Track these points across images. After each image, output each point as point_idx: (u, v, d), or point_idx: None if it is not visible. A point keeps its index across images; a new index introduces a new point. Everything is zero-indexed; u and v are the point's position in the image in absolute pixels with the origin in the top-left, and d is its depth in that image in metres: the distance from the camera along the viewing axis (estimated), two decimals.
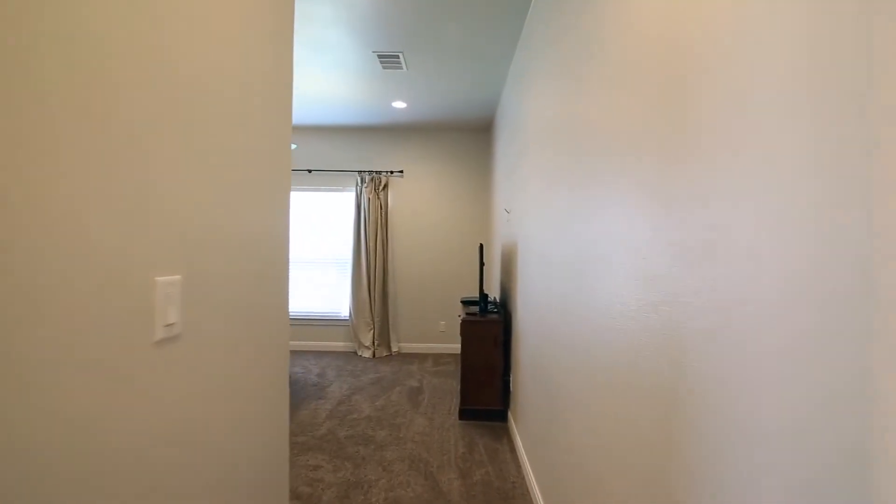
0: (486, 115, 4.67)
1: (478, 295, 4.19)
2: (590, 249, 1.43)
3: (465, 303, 3.86)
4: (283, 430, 1.28)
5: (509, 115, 3.45)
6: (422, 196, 5.32)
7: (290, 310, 5.55)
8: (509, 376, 3.19)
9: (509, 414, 3.15)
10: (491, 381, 3.17)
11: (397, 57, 3.17)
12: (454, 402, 3.58)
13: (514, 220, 3.07)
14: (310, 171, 5.30)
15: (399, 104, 4.33)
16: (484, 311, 3.35)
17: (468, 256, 5.29)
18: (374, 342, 5.12)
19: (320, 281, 5.44)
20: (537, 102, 2.30)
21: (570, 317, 1.63)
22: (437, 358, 5.06)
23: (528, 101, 2.60)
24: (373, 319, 5.16)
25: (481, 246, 3.39)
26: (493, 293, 4.39)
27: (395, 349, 5.24)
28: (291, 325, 5.27)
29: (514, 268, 3.03)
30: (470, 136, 5.28)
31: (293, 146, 3.86)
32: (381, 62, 3.27)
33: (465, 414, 3.20)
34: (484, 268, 3.29)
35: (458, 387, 3.89)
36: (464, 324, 3.16)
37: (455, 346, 5.26)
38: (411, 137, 5.32)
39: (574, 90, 1.62)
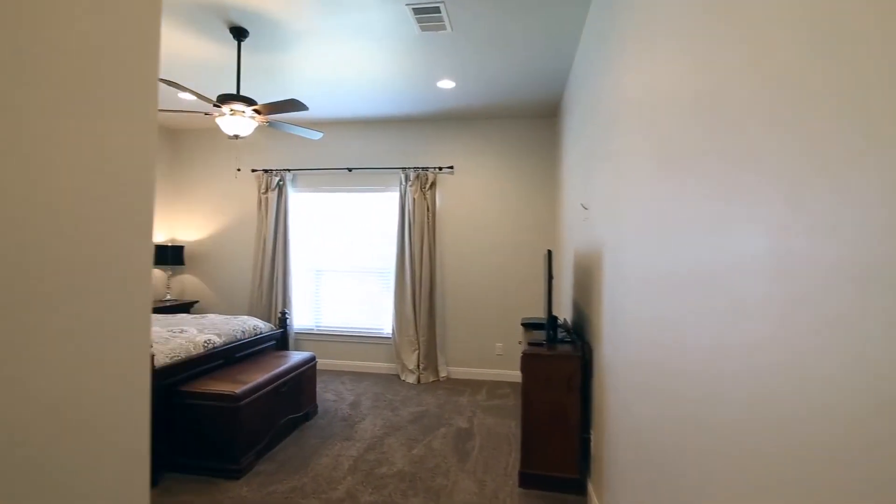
0: (551, 94, 3.83)
1: (544, 316, 3.35)
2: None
3: (528, 326, 3.03)
4: None
5: (587, 88, 2.61)
6: (475, 195, 4.56)
7: (328, 324, 5.12)
8: (590, 434, 2.32)
9: (589, 486, 2.27)
10: (563, 436, 2.32)
11: (437, 9, 2.45)
12: (513, 458, 2.75)
13: (596, 219, 2.22)
14: (350, 169, 4.74)
15: (445, 84, 3.62)
16: (553, 339, 2.51)
17: (531, 266, 4.44)
18: (419, 365, 4.41)
19: (361, 292, 4.84)
20: (646, 67, 1.47)
21: (718, 373, 0.79)
22: (493, 387, 4.24)
23: (620, 69, 1.78)
24: (418, 339, 4.46)
25: (549, 254, 2.56)
26: (564, 314, 3.52)
27: (443, 374, 4.49)
28: (330, 341, 4.72)
29: (597, 284, 2.17)
30: (532, 122, 4.46)
31: (319, 134, 3.28)
32: (418, 19, 2.57)
33: (527, 480, 2.37)
34: (553, 282, 2.50)
35: (519, 433, 3.06)
36: (526, 358, 2.34)
37: (515, 374, 4.42)
38: (462, 127, 4.59)
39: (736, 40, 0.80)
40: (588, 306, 2.45)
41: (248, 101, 2.72)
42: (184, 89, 2.45)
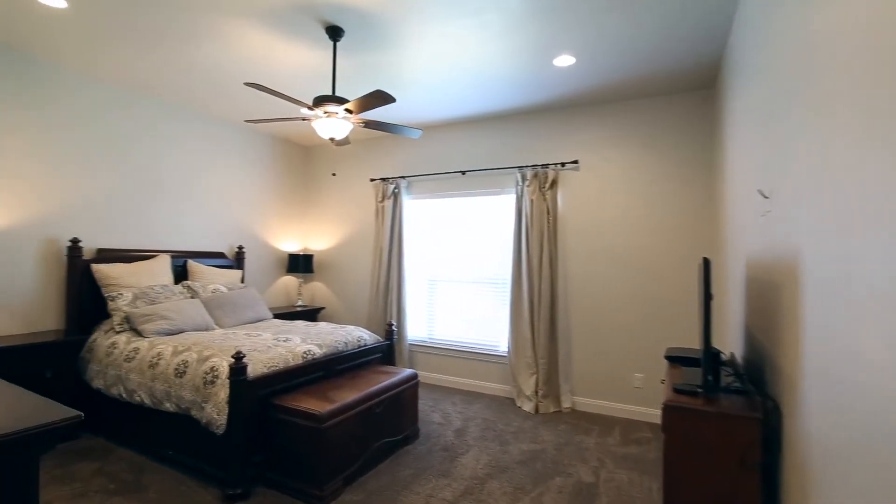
0: (703, 58, 2.95)
1: (699, 348, 2.52)
2: None
3: (675, 361, 2.26)
4: None
5: (773, 29, 1.80)
6: (604, 193, 3.82)
7: (441, 337, 4.82)
8: None
9: None
10: None
11: None
12: None
13: (788, 211, 1.44)
14: (463, 172, 4.43)
15: (564, 60, 3.04)
16: (713, 386, 1.75)
17: (678, 278, 3.51)
18: (537, 391, 3.82)
19: (475, 305, 4.46)
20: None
21: None
22: (629, 428, 3.43)
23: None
24: (536, 360, 3.88)
25: (705, 263, 1.79)
26: (730, 347, 2.61)
27: (566, 405, 3.82)
28: (443, 355, 4.44)
29: (790, 308, 1.39)
30: (676, 99, 3.56)
31: (418, 132, 3.01)
32: None
33: None
34: (711, 302, 1.75)
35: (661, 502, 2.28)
36: (671, 412, 1.63)
37: (657, 412, 3.53)
38: (585, 113, 3.91)
39: None
40: (772, 341, 1.63)
41: (340, 101, 2.57)
42: (277, 94, 2.38)
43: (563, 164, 3.94)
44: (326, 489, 2.30)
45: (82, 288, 3.32)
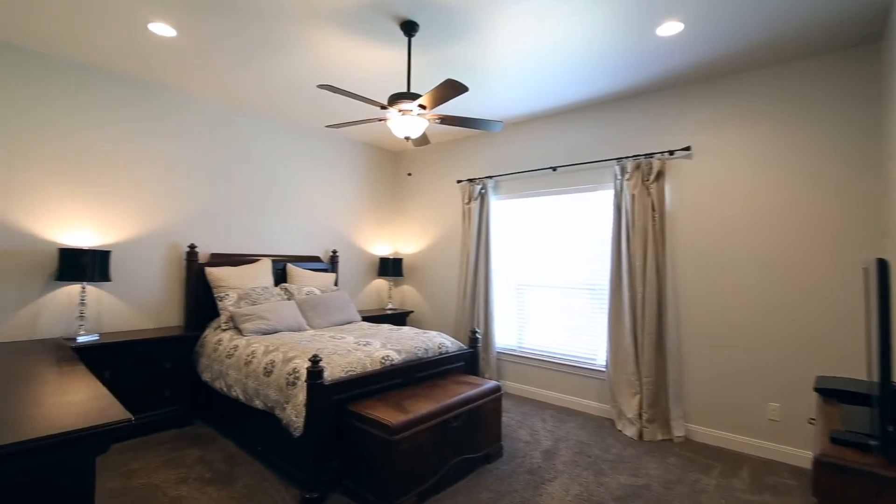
0: (859, 6, 2.27)
1: (867, 381, 1.95)
2: None
3: (829, 394, 1.73)
4: None
5: None
6: (726, 183, 3.20)
7: (531, 346, 4.48)
8: None
9: None
10: None
11: None
12: None
13: None
14: (554, 168, 4.09)
15: (669, 27, 2.59)
16: (892, 440, 1.25)
17: (830, 287, 2.78)
18: (640, 414, 3.33)
19: (569, 312, 4.07)
20: None
21: None
22: (761, 468, 2.79)
23: None
24: (640, 378, 3.38)
25: (881, 267, 1.29)
26: None
27: (677, 433, 3.26)
28: (534, 365, 4.15)
29: None
30: (820, 62, 2.84)
31: (499, 125, 2.78)
32: None
33: None
34: (892, 316, 1.25)
35: None
36: (827, 471, 1.19)
37: (801, 455, 2.83)
38: (697, 90, 3.32)
39: None
40: None
41: (413, 97, 2.46)
42: (350, 95, 2.35)
43: (671, 153, 3.40)
44: None
45: (198, 289, 3.68)
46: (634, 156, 3.52)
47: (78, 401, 1.31)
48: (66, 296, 3.09)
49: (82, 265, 2.94)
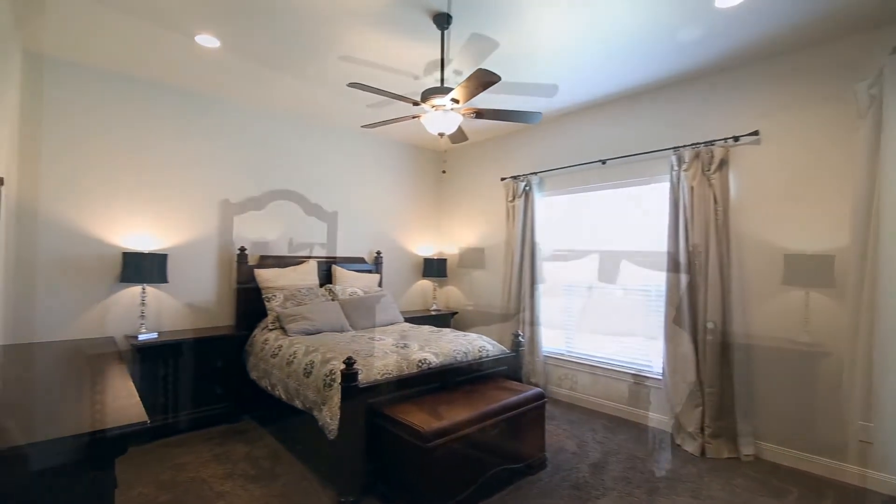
0: None
1: None
2: None
3: None
4: None
5: None
6: (803, 170, 2.83)
7: (580, 350, 4.21)
8: None
9: None
10: None
11: None
12: None
13: None
14: (603, 161, 3.84)
15: None
16: None
17: None
18: (702, 429, 3.03)
19: (620, 315, 3.81)
20: None
21: None
22: (849, 497, 2.42)
23: None
24: (702, 389, 3.08)
25: None
26: None
27: (746, 451, 2.92)
28: (583, 371, 3.94)
29: None
30: None
31: (538, 116, 2.62)
32: None
33: None
34: None
35: None
36: None
37: (893, 480, 2.43)
38: (763, 68, 2.96)
39: None
40: None
41: (445, 91, 2.37)
42: (381, 92, 2.31)
43: (735, 139, 3.06)
44: None
45: (248, 289, 3.82)
46: (693, 144, 3.21)
47: (103, 401, 1.34)
48: (129, 296, 3.31)
49: (143, 268, 3.13)
